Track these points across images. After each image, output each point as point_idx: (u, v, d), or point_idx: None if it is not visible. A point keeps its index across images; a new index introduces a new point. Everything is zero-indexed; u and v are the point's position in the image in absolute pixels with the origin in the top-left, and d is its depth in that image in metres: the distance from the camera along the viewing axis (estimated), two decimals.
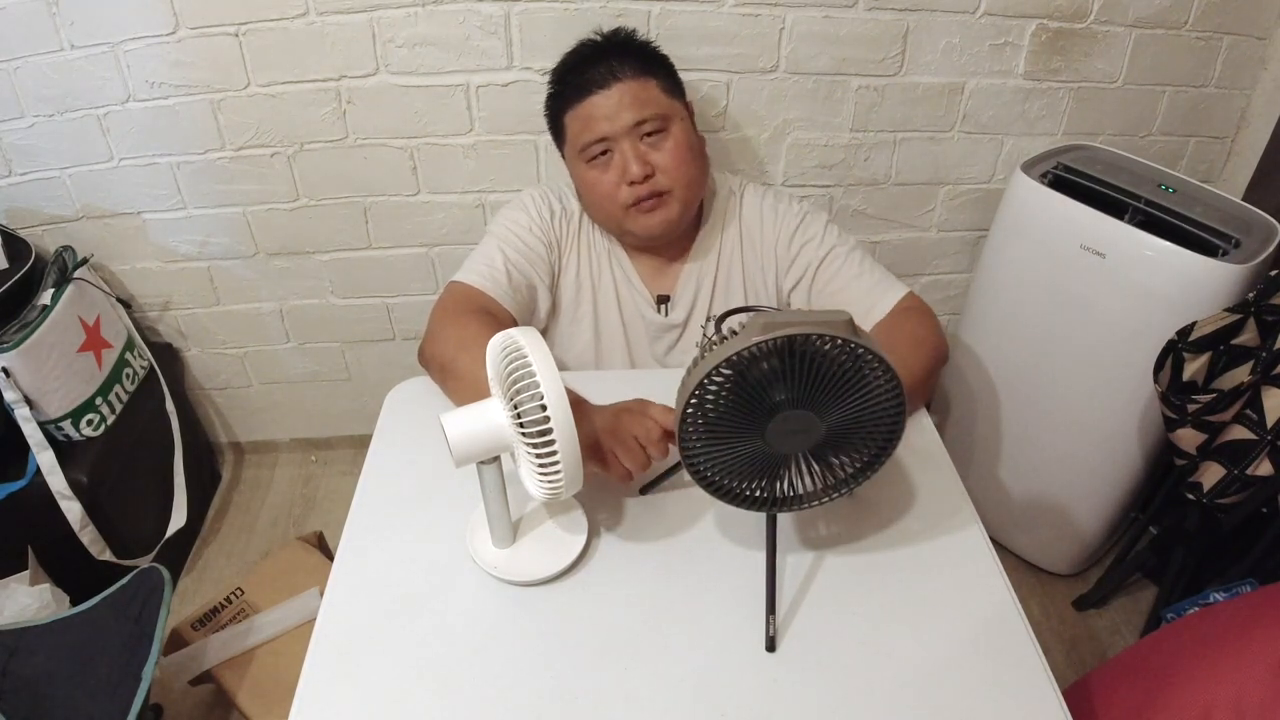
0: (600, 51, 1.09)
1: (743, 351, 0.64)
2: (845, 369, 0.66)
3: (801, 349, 0.64)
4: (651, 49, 1.12)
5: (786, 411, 0.67)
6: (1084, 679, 1.06)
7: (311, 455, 2.00)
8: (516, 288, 1.09)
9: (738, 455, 0.71)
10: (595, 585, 0.83)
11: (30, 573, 1.33)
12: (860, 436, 0.72)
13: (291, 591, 1.32)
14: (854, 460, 0.75)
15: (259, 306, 1.74)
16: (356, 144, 1.50)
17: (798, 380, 0.66)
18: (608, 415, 0.86)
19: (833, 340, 0.64)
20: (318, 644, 0.77)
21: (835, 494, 0.78)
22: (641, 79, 1.06)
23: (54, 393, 1.41)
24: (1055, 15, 1.44)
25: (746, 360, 0.65)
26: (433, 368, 1.03)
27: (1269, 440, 1.17)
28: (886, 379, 0.67)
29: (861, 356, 0.65)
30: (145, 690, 0.98)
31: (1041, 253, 1.43)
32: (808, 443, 0.70)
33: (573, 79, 1.08)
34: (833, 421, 0.69)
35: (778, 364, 0.65)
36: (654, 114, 1.05)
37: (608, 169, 1.07)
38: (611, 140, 1.05)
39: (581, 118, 1.06)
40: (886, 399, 0.68)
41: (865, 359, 0.66)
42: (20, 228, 1.56)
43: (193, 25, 1.36)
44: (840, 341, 0.64)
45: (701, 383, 0.66)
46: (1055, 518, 1.64)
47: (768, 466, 0.73)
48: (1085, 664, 1.56)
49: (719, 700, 0.73)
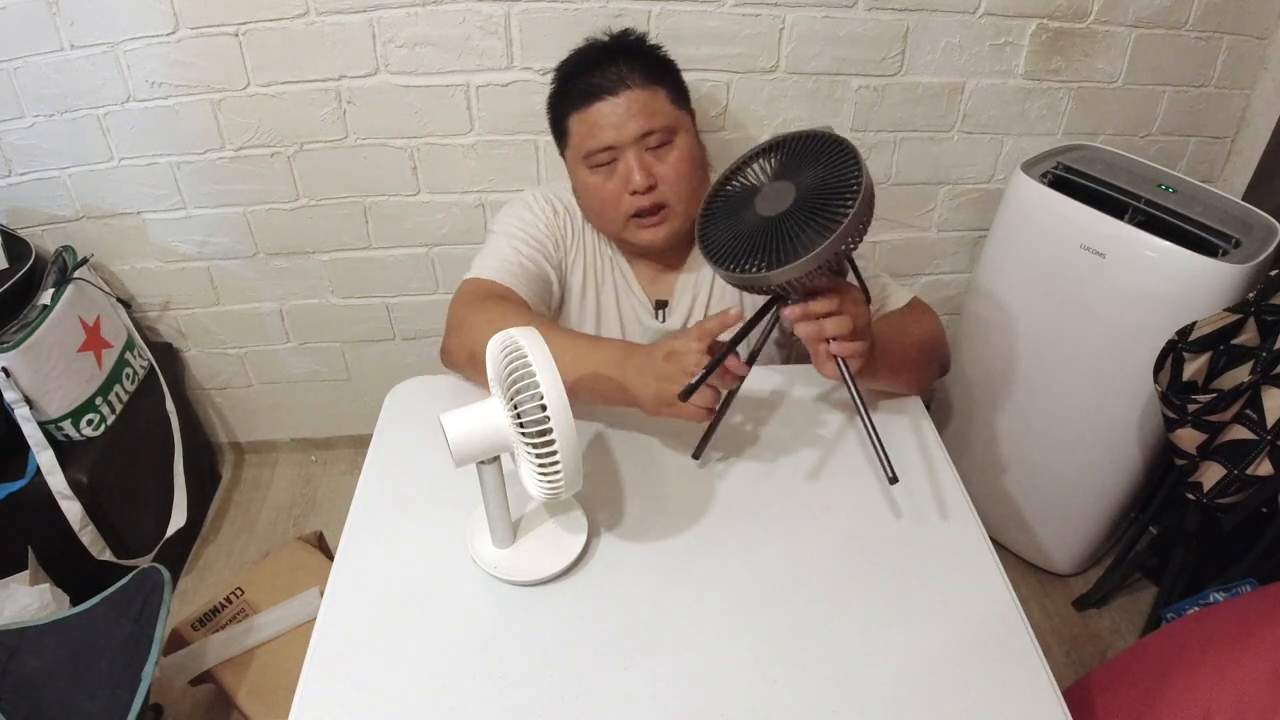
0: (608, 54, 1.07)
1: (745, 155, 0.87)
2: (813, 148, 0.83)
3: (781, 145, 0.85)
4: (660, 55, 1.10)
5: (769, 185, 0.85)
6: (1084, 679, 1.07)
7: (311, 455, 2.00)
8: (532, 278, 1.08)
9: (737, 225, 0.84)
10: (595, 585, 0.83)
11: (30, 573, 1.33)
12: (831, 200, 0.79)
13: (291, 591, 1.32)
14: (831, 218, 0.79)
15: (259, 306, 1.74)
16: (356, 144, 1.50)
17: (779, 163, 0.85)
18: (659, 365, 0.84)
19: (808, 135, 0.84)
20: (318, 644, 0.77)
21: (814, 250, 0.78)
22: (651, 88, 1.04)
23: (54, 393, 1.41)
24: (1055, 15, 1.44)
25: (746, 159, 0.87)
26: (460, 359, 1.00)
27: (1269, 440, 1.17)
28: (840, 147, 0.80)
29: (819, 138, 0.82)
30: (145, 690, 0.98)
31: (1041, 253, 1.43)
32: (784, 204, 0.82)
33: (580, 82, 1.06)
34: (802, 187, 0.81)
35: (767, 160, 0.86)
36: (661, 125, 1.04)
37: (610, 176, 1.06)
38: (617, 149, 1.04)
39: (587, 123, 1.05)
40: (845, 164, 0.79)
41: (827, 141, 0.82)
42: (20, 228, 1.56)
43: (193, 25, 1.36)
44: (812, 135, 0.84)
45: (715, 187, 0.88)
46: (1055, 517, 1.64)
47: (761, 234, 0.82)
48: (1085, 664, 1.56)
49: (719, 700, 0.73)
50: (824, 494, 0.93)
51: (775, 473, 0.95)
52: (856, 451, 0.98)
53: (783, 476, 0.95)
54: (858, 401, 0.83)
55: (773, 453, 0.98)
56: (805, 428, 1.02)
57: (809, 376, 1.07)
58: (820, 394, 1.06)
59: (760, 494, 0.93)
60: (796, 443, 0.99)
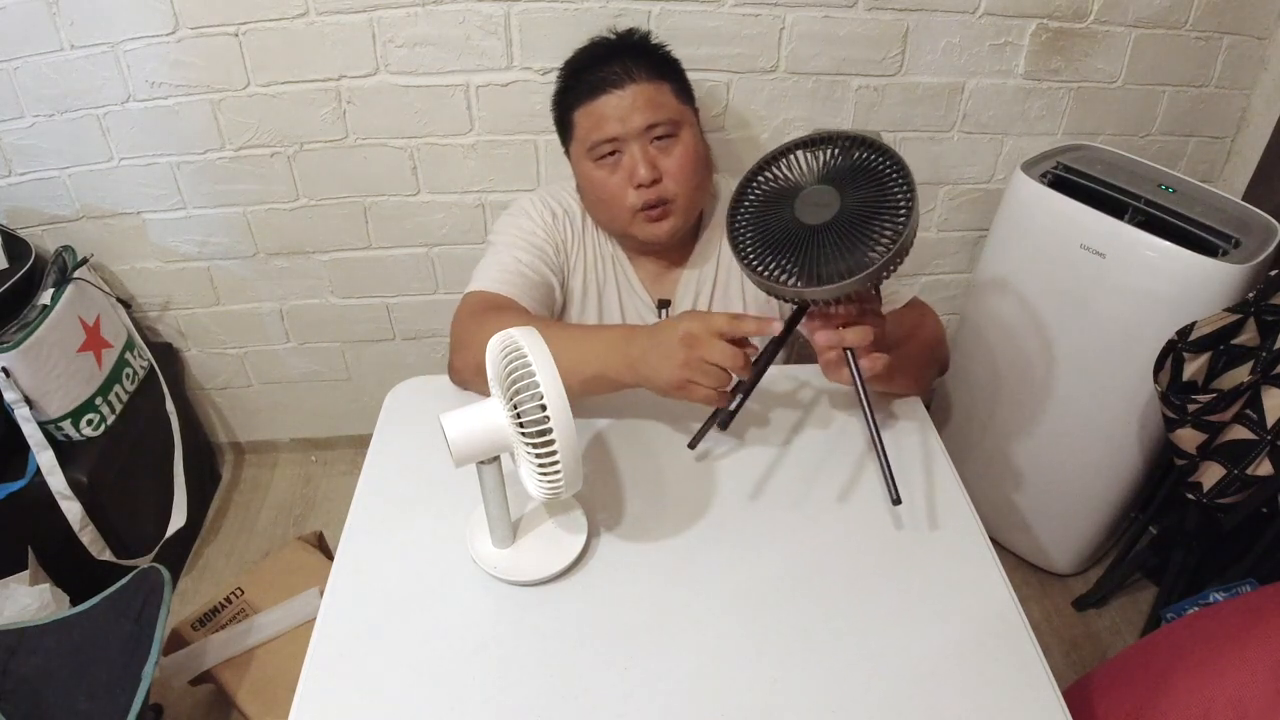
0: (614, 50, 1.08)
1: (784, 148, 0.82)
2: (866, 161, 0.79)
3: (827, 145, 0.81)
4: (665, 52, 1.11)
5: (812, 186, 0.80)
6: (1084, 679, 1.07)
7: (311, 455, 2.00)
8: (533, 285, 1.08)
9: (773, 225, 0.81)
10: (595, 585, 0.83)
11: (30, 573, 1.33)
12: (874, 222, 0.77)
13: (291, 591, 1.32)
14: (873, 242, 0.77)
15: (259, 306, 1.74)
16: (356, 144, 1.50)
17: (825, 164, 0.81)
18: (673, 342, 0.82)
19: (861, 141, 0.80)
20: (318, 644, 0.77)
21: (855, 277, 0.76)
22: (656, 82, 1.05)
23: (54, 393, 1.41)
24: (1055, 15, 1.44)
25: (789, 148, 0.83)
26: (468, 375, 0.99)
27: (1269, 440, 1.17)
28: (897, 169, 0.77)
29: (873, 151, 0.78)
30: (145, 690, 0.98)
31: (1041, 253, 1.43)
32: (828, 214, 0.79)
33: (586, 76, 1.07)
34: (849, 201, 0.78)
35: (808, 159, 0.82)
36: (666, 118, 1.05)
37: (615, 169, 1.06)
38: (622, 141, 1.05)
39: (593, 116, 1.05)
40: (896, 187, 0.77)
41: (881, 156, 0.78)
42: (20, 228, 1.56)
43: (193, 25, 1.36)
44: (860, 141, 0.79)
45: (751, 174, 0.83)
46: (1055, 517, 1.64)
47: (799, 241, 0.79)
48: (1085, 664, 1.56)
49: (719, 700, 0.73)
50: (824, 494, 0.93)
51: (775, 472, 0.95)
52: (857, 451, 0.98)
53: (783, 476, 0.95)
54: (869, 418, 0.82)
55: (773, 452, 0.98)
56: (806, 427, 1.02)
57: (810, 375, 1.07)
58: (821, 393, 1.06)
59: (760, 493, 0.93)
60: (797, 442, 0.99)
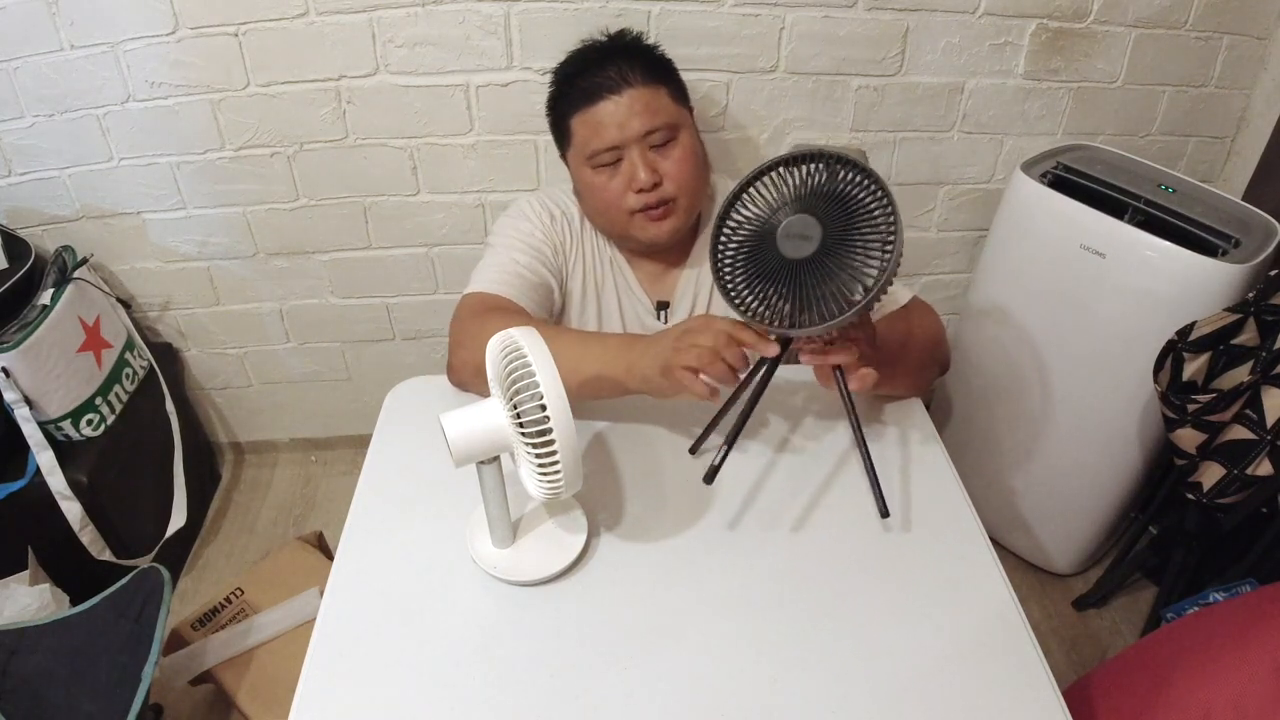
0: (607, 54, 1.07)
1: (764, 167, 0.78)
2: (848, 185, 0.76)
3: (806, 162, 0.77)
4: (658, 54, 1.11)
5: (792, 216, 0.77)
6: (1084, 679, 1.07)
7: (311, 455, 2.00)
8: (532, 287, 1.08)
9: (755, 259, 0.80)
10: (595, 585, 0.83)
11: (30, 573, 1.33)
12: (858, 255, 0.76)
13: (291, 591, 1.32)
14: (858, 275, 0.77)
15: (259, 306, 1.74)
16: (356, 144, 1.50)
17: (804, 191, 0.78)
18: (670, 337, 0.84)
19: (839, 160, 0.76)
20: (318, 644, 0.77)
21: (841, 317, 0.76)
22: (652, 86, 1.05)
23: (54, 393, 1.41)
24: (1055, 15, 1.44)
25: (766, 169, 0.79)
26: (466, 375, 1.00)
27: (1269, 440, 1.17)
28: (876, 193, 0.74)
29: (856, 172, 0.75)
30: (145, 690, 0.98)
31: (1041, 253, 1.43)
32: (810, 248, 0.77)
33: (581, 82, 1.06)
34: (831, 231, 0.76)
35: (788, 179, 0.78)
36: (664, 123, 1.04)
37: (614, 175, 1.06)
38: (621, 148, 1.04)
39: (591, 123, 1.05)
40: (877, 209, 0.75)
41: (858, 177, 0.75)
42: (20, 228, 1.56)
43: (192, 25, 1.36)
44: (843, 160, 0.76)
45: (730, 200, 0.80)
46: (1055, 518, 1.64)
47: (781, 275, 0.78)
48: (1085, 664, 1.56)
49: (719, 700, 0.73)
50: (824, 494, 0.93)
51: (775, 472, 0.95)
52: (856, 452, 0.98)
53: (782, 476, 0.95)
54: (857, 433, 0.84)
55: (772, 452, 0.98)
56: (805, 427, 1.02)
57: (809, 377, 1.07)
58: (822, 393, 1.06)
59: (760, 494, 0.93)
60: (796, 442, 0.99)
